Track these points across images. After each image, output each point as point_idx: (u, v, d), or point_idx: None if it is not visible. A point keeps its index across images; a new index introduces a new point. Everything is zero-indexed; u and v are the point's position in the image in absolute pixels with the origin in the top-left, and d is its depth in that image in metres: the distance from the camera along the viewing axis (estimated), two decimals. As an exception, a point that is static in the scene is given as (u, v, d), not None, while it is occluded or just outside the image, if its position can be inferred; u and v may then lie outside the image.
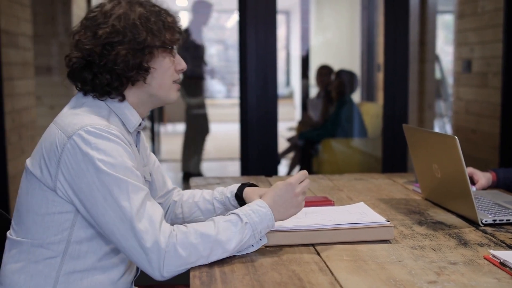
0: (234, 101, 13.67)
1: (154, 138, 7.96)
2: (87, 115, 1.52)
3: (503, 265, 1.43)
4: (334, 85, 5.46)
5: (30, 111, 4.50)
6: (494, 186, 2.28)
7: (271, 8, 3.50)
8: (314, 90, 6.21)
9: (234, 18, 14.30)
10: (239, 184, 1.83)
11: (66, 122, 1.51)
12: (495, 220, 1.81)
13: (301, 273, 1.41)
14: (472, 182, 2.23)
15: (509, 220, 1.81)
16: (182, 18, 1.68)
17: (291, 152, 6.47)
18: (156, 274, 1.42)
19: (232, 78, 15.76)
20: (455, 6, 4.74)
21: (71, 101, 1.63)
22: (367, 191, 2.31)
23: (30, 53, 4.51)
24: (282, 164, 6.62)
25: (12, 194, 3.93)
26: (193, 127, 6.47)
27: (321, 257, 1.52)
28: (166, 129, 12.19)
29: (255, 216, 1.52)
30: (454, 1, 4.84)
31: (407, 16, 3.70)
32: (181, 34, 1.67)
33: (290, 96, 12.52)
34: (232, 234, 1.48)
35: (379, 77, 6.02)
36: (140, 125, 1.66)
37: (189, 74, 5.84)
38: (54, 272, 1.53)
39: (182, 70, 1.68)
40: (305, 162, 5.67)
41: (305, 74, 6.59)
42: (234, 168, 6.62)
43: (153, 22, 1.58)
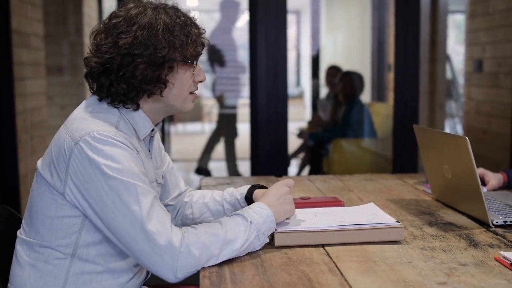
0: (244, 101, 13.68)
1: (164, 138, 7.98)
2: (96, 121, 1.52)
3: (514, 266, 1.42)
4: (339, 87, 5.45)
5: (42, 111, 4.52)
6: (505, 187, 2.27)
7: (282, 8, 3.50)
8: (324, 90, 6.20)
9: (244, 18, 14.31)
10: (249, 186, 1.83)
11: (74, 126, 1.51)
12: (506, 221, 1.80)
13: (310, 273, 1.41)
14: (482, 183, 2.22)
15: (520, 221, 1.80)
16: (195, 17, 1.65)
17: (301, 152, 6.46)
18: (169, 276, 1.42)
19: (242, 78, 15.73)
20: (466, 6, 4.72)
21: (83, 103, 1.62)
22: (377, 192, 2.31)
23: (41, 53, 4.54)
24: (292, 164, 6.61)
25: (23, 193, 3.95)
26: (221, 128, 6.45)
27: (331, 257, 1.51)
28: (177, 128, 12.21)
29: (258, 217, 1.54)
30: (465, 0, 4.82)
31: (418, 16, 3.68)
32: (204, 46, 1.64)
33: (300, 96, 12.50)
34: (238, 232, 1.49)
35: (390, 77, 6.00)
36: (152, 130, 1.66)
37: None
38: (63, 272, 1.54)
39: (201, 81, 1.66)
40: (315, 162, 5.66)
41: (315, 74, 6.58)
42: (244, 168, 6.62)
43: (176, 35, 1.54)
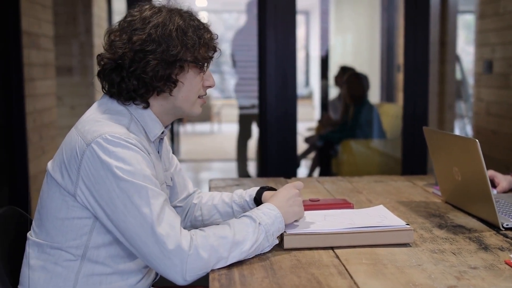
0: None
1: (173, 138, 7.99)
2: (107, 123, 1.53)
3: (524, 270, 1.42)
4: (344, 88, 5.46)
5: (51, 112, 4.54)
6: (515, 189, 2.26)
7: (291, 8, 3.50)
8: (334, 91, 6.20)
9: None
10: (258, 187, 1.83)
11: (86, 128, 1.52)
12: (516, 224, 1.79)
13: (320, 276, 1.40)
14: (493, 185, 2.21)
15: (530, 224, 1.79)
16: (204, 18, 1.66)
17: (310, 153, 6.46)
18: (178, 278, 1.42)
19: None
20: (476, 6, 4.70)
21: (94, 105, 1.63)
22: (387, 194, 2.30)
23: (51, 54, 4.55)
24: (302, 165, 6.61)
25: (33, 194, 3.97)
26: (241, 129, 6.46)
27: (340, 260, 1.51)
28: (186, 129, 12.24)
29: (267, 218, 1.54)
30: (475, 1, 4.81)
31: (428, 16, 3.67)
32: (216, 52, 1.65)
33: (309, 96, 12.49)
34: (247, 234, 1.49)
35: (399, 78, 5.99)
36: (162, 133, 1.67)
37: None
38: (73, 274, 1.54)
39: (210, 86, 1.67)
40: (324, 163, 5.66)
41: (324, 75, 6.57)
42: (253, 169, 6.62)
43: (189, 36, 1.56)
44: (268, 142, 3.57)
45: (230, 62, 6.17)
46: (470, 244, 1.64)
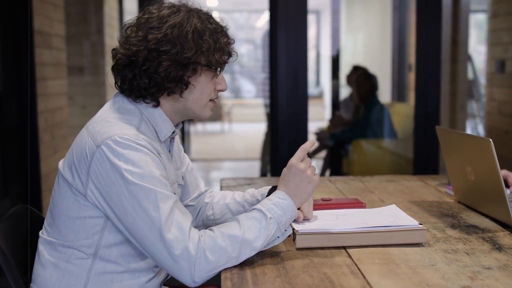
0: (263, 101, 13.70)
1: (184, 137, 8.01)
2: (117, 124, 1.52)
3: (539, 270, 1.40)
4: (354, 87, 5.45)
5: (63, 111, 4.56)
6: (529, 189, 2.24)
7: (302, 8, 3.49)
8: (345, 90, 6.18)
9: (264, 18, 14.32)
10: (270, 186, 1.83)
11: (96, 129, 1.52)
12: (530, 224, 1.78)
13: (332, 276, 1.40)
14: (506, 185, 2.19)
15: (544, 224, 1.78)
16: (223, 21, 1.65)
17: (321, 151, 6.44)
18: (188, 281, 1.42)
19: (261, 78, 15.77)
20: (488, 5, 4.67)
21: (107, 104, 1.63)
22: (399, 193, 2.29)
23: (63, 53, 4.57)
24: (313, 164, 6.59)
25: (44, 193, 3.99)
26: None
27: (352, 260, 1.51)
28: (196, 128, 12.25)
29: (278, 209, 1.53)
30: (487, 0, 4.78)
31: (440, 15, 3.66)
32: (231, 56, 1.64)
33: (320, 96, 12.48)
34: (258, 231, 1.48)
35: (410, 77, 5.97)
36: (173, 132, 1.66)
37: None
38: (85, 272, 1.54)
39: (222, 90, 1.66)
40: (335, 163, 5.65)
41: (335, 74, 6.56)
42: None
43: (205, 39, 1.55)
44: (279, 141, 3.56)
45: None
46: (483, 244, 1.63)
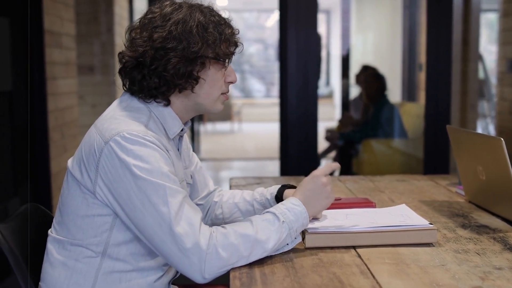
0: (273, 100, 13.72)
1: (194, 137, 8.02)
2: (125, 120, 1.52)
3: (551, 271, 1.39)
4: (362, 87, 5.45)
5: (73, 110, 4.57)
6: (541, 189, 2.22)
7: (312, 7, 3.49)
8: (354, 90, 6.17)
9: (274, 18, 14.34)
10: (279, 185, 1.82)
11: (104, 126, 1.52)
12: (542, 224, 1.76)
13: (342, 275, 1.39)
14: (517, 184, 2.18)
15: (556, 224, 1.77)
16: (225, 13, 1.65)
17: (331, 151, 6.43)
18: (197, 277, 1.42)
19: (271, 77, 15.79)
20: (499, 4, 4.65)
21: (115, 102, 1.63)
22: (409, 193, 2.28)
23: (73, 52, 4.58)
24: (322, 164, 6.59)
25: (54, 191, 4.00)
26: None
27: (362, 259, 1.50)
28: (206, 128, 12.27)
29: (291, 214, 1.52)
30: (498, -1, 4.75)
31: (451, 14, 3.64)
32: (237, 47, 1.64)
33: (330, 95, 12.46)
34: (270, 233, 1.47)
35: (420, 77, 5.94)
36: (182, 130, 1.66)
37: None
38: (93, 270, 1.54)
39: (232, 82, 1.66)
40: (344, 163, 5.64)
41: (345, 74, 6.55)
42: (274, 167, 6.62)
43: (210, 32, 1.55)
44: (289, 141, 3.56)
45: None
46: (494, 244, 1.62)
